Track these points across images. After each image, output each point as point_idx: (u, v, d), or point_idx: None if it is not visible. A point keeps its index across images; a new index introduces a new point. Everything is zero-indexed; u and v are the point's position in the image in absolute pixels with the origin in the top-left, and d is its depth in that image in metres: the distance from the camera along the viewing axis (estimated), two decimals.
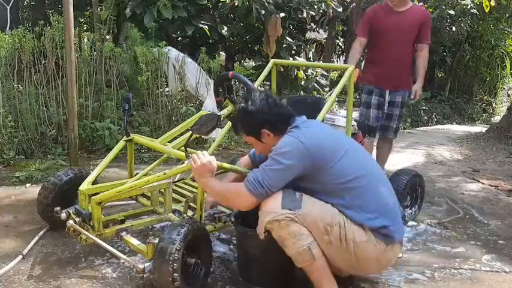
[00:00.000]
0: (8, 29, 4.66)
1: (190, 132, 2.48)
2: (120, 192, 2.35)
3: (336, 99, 6.35)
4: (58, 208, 2.40)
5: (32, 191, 3.38)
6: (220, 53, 7.98)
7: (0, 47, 4.09)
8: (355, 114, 3.52)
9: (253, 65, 8.18)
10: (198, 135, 2.52)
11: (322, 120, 3.05)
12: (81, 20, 6.40)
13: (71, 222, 2.30)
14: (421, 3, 9.52)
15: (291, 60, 6.82)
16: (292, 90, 7.30)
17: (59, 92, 4.33)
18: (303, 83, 7.40)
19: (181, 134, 3.00)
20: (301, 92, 7.19)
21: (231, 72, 2.92)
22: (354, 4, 9.22)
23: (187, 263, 2.11)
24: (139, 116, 5.15)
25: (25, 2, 8.28)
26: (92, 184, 2.50)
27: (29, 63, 4.20)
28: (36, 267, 2.40)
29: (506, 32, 10.25)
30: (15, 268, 2.36)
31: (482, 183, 4.46)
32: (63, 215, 2.34)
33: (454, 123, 9.71)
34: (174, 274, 1.97)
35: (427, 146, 6.39)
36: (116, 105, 4.72)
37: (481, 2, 8.52)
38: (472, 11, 9.02)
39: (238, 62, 8.54)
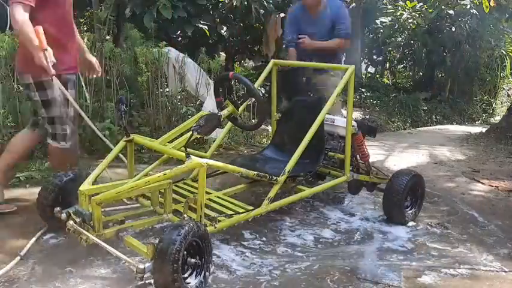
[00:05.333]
0: (7, 29, 4.65)
1: (191, 132, 2.48)
2: (120, 193, 2.35)
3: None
4: (58, 208, 2.40)
5: (32, 191, 3.38)
6: (220, 53, 7.98)
7: (0, 47, 4.09)
8: (355, 114, 3.53)
9: (253, 65, 8.18)
10: (198, 136, 2.52)
11: (322, 121, 3.06)
12: (81, 20, 6.40)
13: (71, 222, 2.30)
14: (421, 4, 9.56)
15: (291, 61, 6.80)
16: None
17: None
18: None
19: (182, 135, 3.00)
20: None
21: (231, 73, 2.93)
22: (354, 4, 9.24)
23: (187, 263, 2.11)
24: (140, 116, 5.15)
25: None
26: (92, 184, 2.51)
27: None
28: (36, 267, 2.40)
29: (506, 32, 10.26)
30: (15, 269, 2.36)
31: (483, 184, 4.46)
32: (63, 216, 2.33)
33: (454, 123, 9.71)
34: (175, 274, 1.97)
35: (427, 146, 6.39)
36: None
37: (481, 2, 8.53)
38: (471, 11, 9.03)
39: (238, 63, 8.54)
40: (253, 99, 3.03)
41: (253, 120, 5.57)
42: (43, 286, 2.23)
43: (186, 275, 2.10)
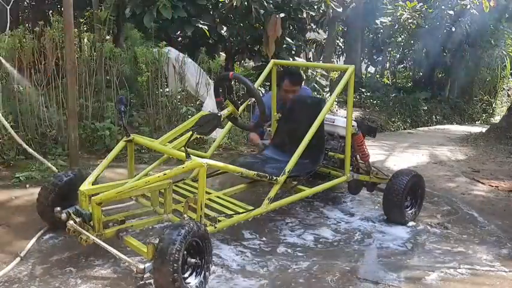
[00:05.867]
0: (7, 29, 4.66)
1: (191, 132, 2.49)
2: (121, 193, 2.35)
3: (336, 99, 6.34)
4: (58, 208, 2.39)
5: (32, 191, 3.38)
6: (220, 53, 7.98)
7: (0, 47, 4.10)
8: (355, 114, 3.52)
9: (253, 65, 8.18)
10: (198, 136, 2.52)
11: (322, 121, 3.06)
12: (81, 20, 6.40)
13: (71, 222, 2.30)
14: (421, 4, 9.56)
15: (291, 61, 6.82)
16: None
17: (59, 92, 4.33)
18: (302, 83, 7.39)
19: (182, 135, 3.00)
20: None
21: (231, 73, 2.93)
22: (354, 4, 9.23)
23: (187, 263, 2.11)
24: (140, 116, 5.15)
25: (25, 3, 8.28)
26: (92, 184, 2.51)
27: (29, 63, 4.20)
28: (36, 267, 2.40)
29: (506, 32, 10.26)
30: (15, 269, 2.36)
31: (483, 184, 4.46)
32: (64, 216, 2.33)
33: (454, 123, 9.72)
34: (175, 274, 1.97)
35: (427, 146, 6.39)
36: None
37: (481, 2, 8.53)
38: (471, 11, 9.03)
39: (238, 63, 8.54)
40: (253, 99, 3.03)
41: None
42: (43, 286, 2.23)
43: (186, 275, 2.10)
